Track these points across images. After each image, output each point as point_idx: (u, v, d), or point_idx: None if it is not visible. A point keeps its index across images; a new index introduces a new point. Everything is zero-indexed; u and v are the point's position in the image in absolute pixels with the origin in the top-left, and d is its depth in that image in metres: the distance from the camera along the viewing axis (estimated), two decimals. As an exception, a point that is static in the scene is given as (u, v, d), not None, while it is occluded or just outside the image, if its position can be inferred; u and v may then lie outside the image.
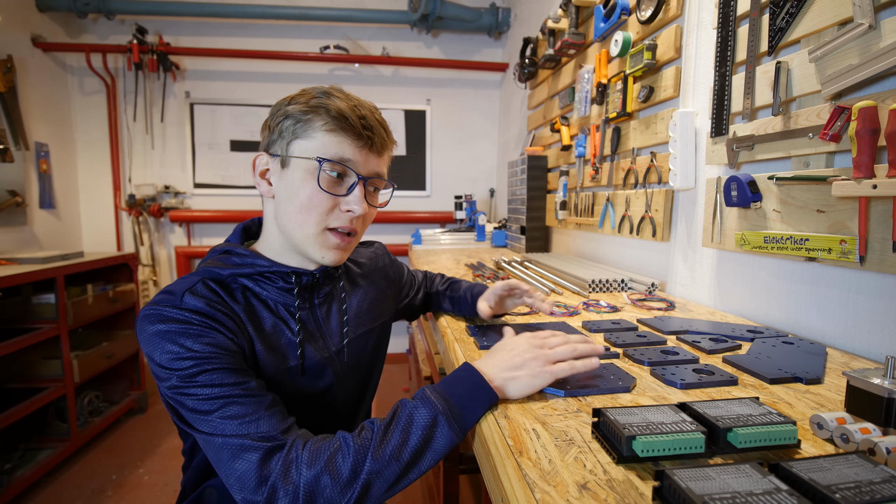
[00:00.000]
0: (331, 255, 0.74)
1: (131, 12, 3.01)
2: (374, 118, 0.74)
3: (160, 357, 0.60)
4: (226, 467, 0.56)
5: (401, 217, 3.44)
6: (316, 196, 0.70)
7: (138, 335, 0.64)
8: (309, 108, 0.71)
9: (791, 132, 0.91)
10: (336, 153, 0.70)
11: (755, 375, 0.69)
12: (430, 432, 0.56)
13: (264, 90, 3.32)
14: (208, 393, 0.59)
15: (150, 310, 0.63)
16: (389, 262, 1.01)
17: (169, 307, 0.63)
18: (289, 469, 0.54)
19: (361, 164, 0.72)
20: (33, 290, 2.16)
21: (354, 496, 0.53)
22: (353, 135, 0.71)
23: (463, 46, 3.48)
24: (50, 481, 2.10)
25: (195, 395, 0.59)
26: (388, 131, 0.77)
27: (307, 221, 0.71)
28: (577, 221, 1.91)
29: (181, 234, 3.30)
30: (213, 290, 0.68)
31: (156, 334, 0.61)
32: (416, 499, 1.99)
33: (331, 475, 0.54)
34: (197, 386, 0.59)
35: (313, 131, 0.71)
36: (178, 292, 0.65)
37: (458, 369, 0.63)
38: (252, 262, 0.73)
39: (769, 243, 0.95)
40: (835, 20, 0.83)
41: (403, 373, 3.39)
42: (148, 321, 0.62)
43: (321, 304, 0.80)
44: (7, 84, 2.55)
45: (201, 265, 0.73)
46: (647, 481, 0.43)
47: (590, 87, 1.77)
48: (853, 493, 0.36)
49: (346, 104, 0.71)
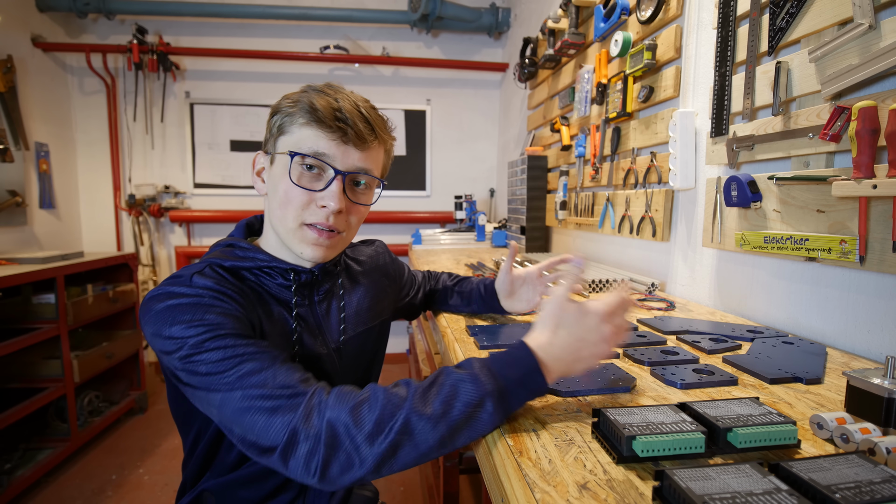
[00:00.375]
0: (309, 250, 0.72)
1: (131, 12, 3.01)
2: (356, 111, 0.71)
3: (170, 329, 0.59)
4: (246, 422, 0.54)
5: (401, 217, 3.44)
6: (291, 191, 0.70)
7: (142, 316, 0.63)
8: (291, 104, 0.71)
9: (791, 132, 0.91)
10: (311, 147, 0.69)
11: (755, 375, 0.69)
12: (474, 411, 0.52)
13: (264, 90, 3.32)
14: (222, 355, 0.57)
15: (157, 290, 0.63)
16: (390, 260, 1.01)
17: (178, 286, 0.63)
18: (310, 414, 0.52)
19: (339, 158, 0.71)
20: (33, 290, 2.15)
21: (380, 452, 0.50)
22: (325, 128, 0.69)
23: (463, 46, 3.48)
24: (50, 481, 2.10)
25: (208, 359, 0.57)
26: (373, 124, 0.73)
27: (285, 216, 0.71)
28: (577, 221, 1.91)
29: (181, 234, 3.30)
30: (221, 274, 0.69)
31: (165, 309, 0.60)
32: (416, 499, 1.99)
33: (356, 423, 0.51)
34: (209, 350, 0.58)
35: (293, 126, 0.71)
36: (185, 275, 0.65)
37: (515, 347, 0.57)
38: (253, 255, 0.73)
39: (769, 243, 0.95)
40: (835, 20, 0.83)
41: (403, 373, 3.39)
42: (156, 300, 0.62)
43: (321, 302, 0.80)
44: (7, 84, 2.55)
45: (205, 257, 0.73)
46: (647, 481, 0.43)
47: (590, 87, 1.77)
48: (853, 493, 0.36)
49: (323, 98, 0.70)
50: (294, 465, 0.52)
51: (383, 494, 2.02)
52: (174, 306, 0.60)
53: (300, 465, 0.51)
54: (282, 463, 0.52)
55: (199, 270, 0.66)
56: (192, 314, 0.60)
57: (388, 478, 2.13)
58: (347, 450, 0.51)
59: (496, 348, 0.81)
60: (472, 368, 0.55)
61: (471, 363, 0.56)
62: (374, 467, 0.51)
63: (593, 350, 0.57)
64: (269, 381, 0.56)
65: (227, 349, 0.58)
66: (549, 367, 0.55)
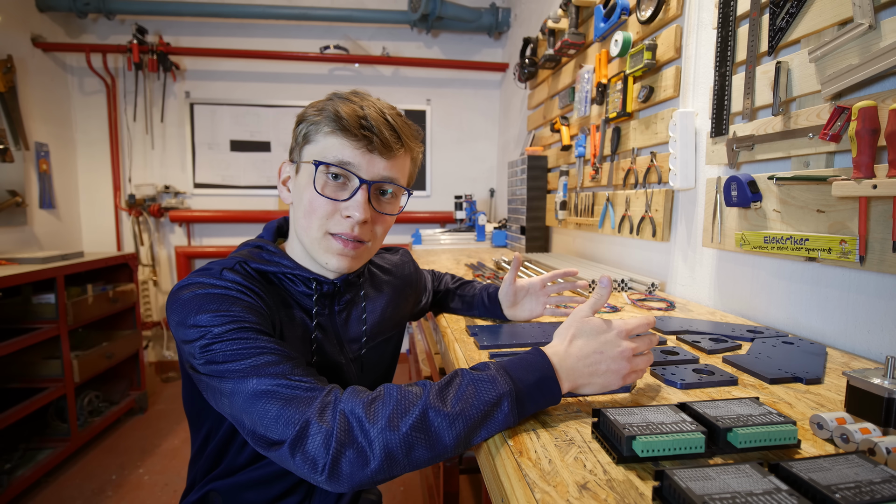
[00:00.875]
0: (335, 260, 0.71)
1: (131, 12, 3.01)
2: (382, 119, 0.70)
3: (195, 318, 0.59)
4: (257, 410, 0.53)
5: (401, 217, 3.43)
6: (315, 200, 0.69)
7: (169, 306, 0.63)
8: (317, 112, 0.71)
9: (791, 132, 0.91)
10: (336, 156, 0.69)
11: (755, 375, 0.69)
12: (491, 410, 0.51)
13: (264, 90, 3.32)
14: (241, 346, 0.58)
15: (187, 280, 0.64)
16: (414, 269, 1.01)
17: (208, 277, 0.64)
18: (325, 409, 0.52)
19: (364, 167, 0.69)
20: (33, 290, 2.15)
21: (394, 447, 0.49)
22: (350, 136, 0.68)
23: (463, 46, 3.48)
24: (50, 481, 2.10)
25: (227, 349, 0.57)
26: (400, 132, 0.71)
27: (310, 226, 0.71)
28: (577, 221, 1.91)
29: (181, 234, 3.30)
30: (248, 272, 0.69)
31: (193, 298, 0.61)
32: (416, 499, 1.99)
33: (370, 417, 0.50)
34: (230, 340, 0.58)
35: (318, 135, 0.70)
36: (215, 269, 0.66)
37: (531, 353, 0.57)
38: (279, 261, 0.73)
39: (769, 243, 0.95)
40: (835, 20, 0.83)
41: (403, 373, 3.39)
42: (185, 289, 0.63)
43: (341, 311, 0.80)
44: (7, 84, 2.55)
45: (233, 254, 0.73)
46: (647, 481, 0.43)
47: (590, 87, 1.77)
48: (853, 493, 0.36)
49: (348, 105, 0.69)
50: (301, 459, 0.50)
51: (383, 495, 2.02)
52: (202, 296, 0.61)
53: (309, 459, 0.50)
54: (290, 456, 0.51)
55: (230, 266, 0.67)
56: (218, 304, 0.60)
57: (388, 478, 2.13)
58: (360, 444, 0.49)
59: (496, 348, 0.81)
60: (489, 370, 0.54)
61: (487, 365, 0.55)
62: (386, 464, 0.49)
63: (611, 365, 0.57)
64: (286, 373, 0.56)
65: (247, 340, 0.58)
66: (563, 377, 0.55)
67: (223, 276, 0.65)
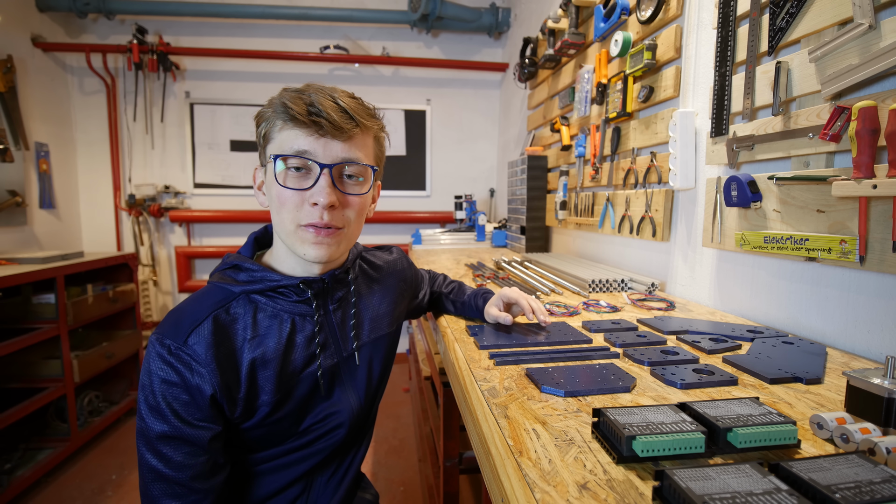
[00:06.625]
0: (312, 250, 0.71)
1: (131, 12, 3.01)
2: (331, 102, 0.69)
3: (144, 395, 0.66)
4: (146, 489, 0.66)
5: (401, 217, 3.44)
6: (282, 194, 0.70)
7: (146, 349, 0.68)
8: (270, 110, 0.72)
9: (791, 132, 0.91)
10: (291, 146, 0.69)
11: (755, 375, 0.69)
12: None
13: (264, 90, 3.31)
14: (158, 452, 0.65)
15: (157, 335, 0.67)
16: (408, 265, 1.02)
17: (171, 342, 0.66)
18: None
19: (321, 152, 0.69)
20: (33, 290, 2.16)
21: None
22: (301, 125, 0.68)
23: (463, 46, 3.48)
24: (50, 481, 2.10)
25: (148, 439, 0.65)
26: (351, 112, 0.70)
27: (283, 221, 0.71)
28: (577, 221, 1.91)
29: (181, 234, 3.30)
30: (220, 327, 0.69)
31: (147, 372, 0.66)
32: (416, 499, 1.99)
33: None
34: (156, 441, 0.65)
35: (274, 131, 0.71)
36: (185, 328, 0.67)
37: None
38: (262, 276, 0.73)
39: (769, 243, 0.95)
40: (835, 20, 0.83)
41: (403, 373, 3.39)
42: (153, 347, 0.66)
43: (335, 310, 0.81)
44: (7, 84, 2.55)
45: (212, 277, 0.74)
46: (647, 481, 0.43)
47: (590, 87, 1.77)
48: (853, 493, 0.36)
49: (295, 96, 0.69)
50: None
51: (383, 495, 2.02)
52: (154, 375, 0.65)
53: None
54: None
55: (198, 325, 0.67)
56: (160, 398, 0.65)
57: (388, 478, 2.13)
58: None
59: (496, 348, 0.82)
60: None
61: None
62: None
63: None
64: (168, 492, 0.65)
65: (172, 452, 0.65)
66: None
67: (186, 346, 0.66)
